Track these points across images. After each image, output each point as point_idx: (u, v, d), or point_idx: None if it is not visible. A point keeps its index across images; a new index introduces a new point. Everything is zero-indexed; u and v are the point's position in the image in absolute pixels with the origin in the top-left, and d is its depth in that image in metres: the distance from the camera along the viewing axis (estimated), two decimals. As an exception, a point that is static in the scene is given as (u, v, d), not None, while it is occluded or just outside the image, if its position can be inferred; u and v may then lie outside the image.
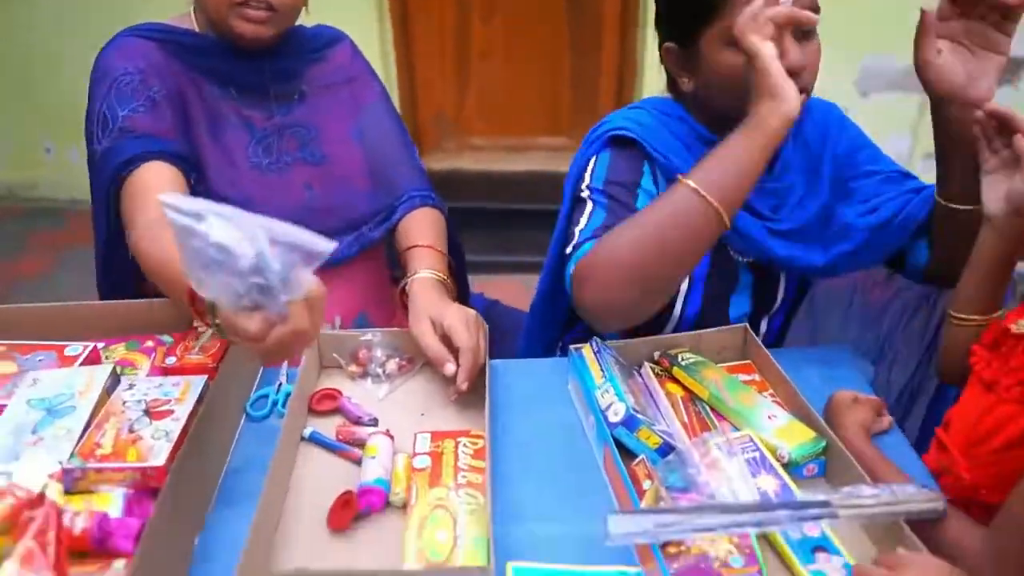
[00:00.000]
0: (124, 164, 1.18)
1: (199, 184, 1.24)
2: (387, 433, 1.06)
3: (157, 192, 1.17)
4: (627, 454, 1.02)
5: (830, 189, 1.24)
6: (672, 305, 1.24)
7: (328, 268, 1.33)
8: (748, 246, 1.21)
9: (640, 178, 1.19)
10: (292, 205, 1.31)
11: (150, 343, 1.21)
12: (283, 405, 1.17)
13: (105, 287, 1.36)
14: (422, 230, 1.34)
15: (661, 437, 1.02)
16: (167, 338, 1.22)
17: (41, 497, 0.75)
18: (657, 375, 1.15)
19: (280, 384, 1.21)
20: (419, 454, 1.02)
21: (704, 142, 1.17)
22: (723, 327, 1.21)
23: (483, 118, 3.59)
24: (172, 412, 0.99)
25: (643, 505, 0.93)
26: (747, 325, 1.21)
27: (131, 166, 1.18)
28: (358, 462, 1.05)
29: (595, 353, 1.13)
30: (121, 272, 1.30)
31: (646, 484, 0.97)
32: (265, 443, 1.11)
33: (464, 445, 1.03)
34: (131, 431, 0.95)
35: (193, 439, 0.95)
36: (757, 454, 1.00)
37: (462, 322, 1.10)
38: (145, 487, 0.91)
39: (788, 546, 0.90)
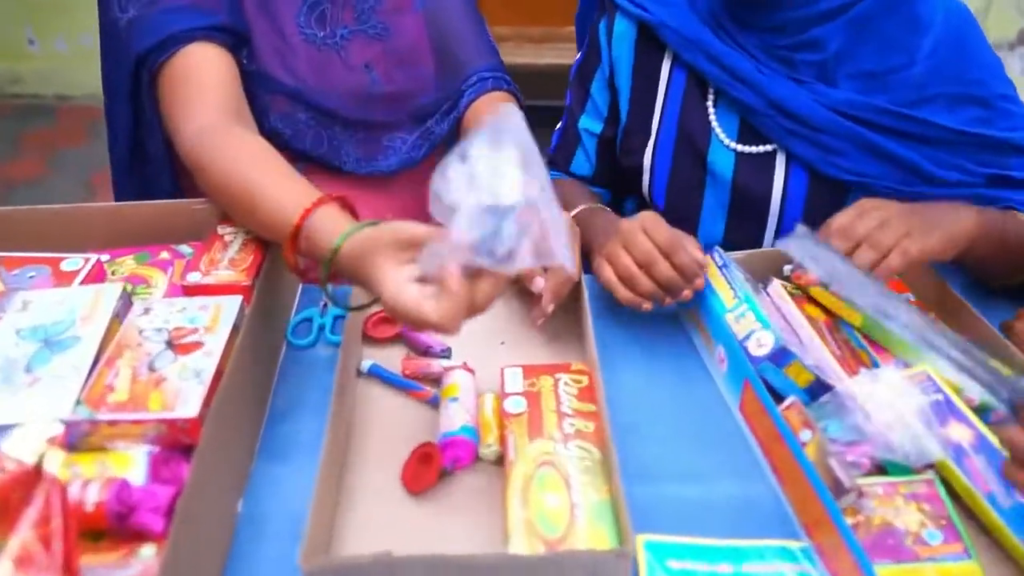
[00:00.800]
0: (161, 44, 0.93)
1: (249, 63, 1.00)
2: (466, 367, 0.86)
3: (208, 83, 0.93)
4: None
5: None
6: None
7: (391, 174, 1.10)
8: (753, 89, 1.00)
9: (596, 68, 1.13)
10: (352, 90, 1.06)
11: (165, 254, 0.99)
12: (332, 331, 0.97)
13: (127, 191, 1.12)
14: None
15: (813, 373, 0.82)
16: (186, 248, 1.00)
17: (38, 471, 0.55)
18: (791, 293, 0.94)
19: (325, 305, 0.99)
20: (511, 395, 0.81)
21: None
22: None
23: (506, 5, 3.29)
24: (202, 345, 0.78)
25: (810, 457, 0.73)
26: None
27: (171, 48, 0.93)
28: (431, 403, 0.85)
29: (720, 267, 0.91)
30: (151, 173, 1.07)
31: (804, 435, 0.76)
32: (312, 379, 0.91)
33: (565, 383, 0.83)
34: (152, 370, 0.75)
35: (232, 380, 0.75)
36: (940, 396, 0.79)
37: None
38: (175, 444, 0.71)
39: (1000, 516, 0.71)
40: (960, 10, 1.02)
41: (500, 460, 0.78)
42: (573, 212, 1.08)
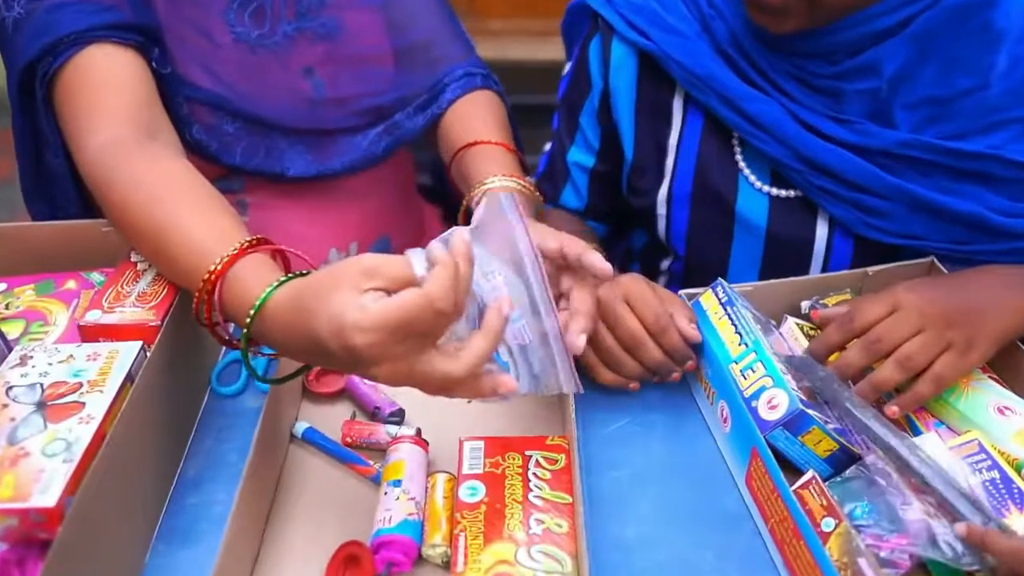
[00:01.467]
0: (52, 48, 0.78)
1: (161, 67, 0.83)
2: (418, 439, 0.70)
3: (112, 91, 0.76)
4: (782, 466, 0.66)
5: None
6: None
7: (341, 175, 0.91)
8: (779, 141, 0.83)
9: (585, 96, 0.97)
10: (292, 97, 0.91)
11: (72, 284, 0.84)
12: (264, 374, 0.82)
13: (38, 213, 0.95)
14: (486, 121, 0.93)
15: (836, 441, 0.67)
16: (97, 276, 0.85)
17: None
18: (808, 335, 0.79)
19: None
20: (468, 477, 0.66)
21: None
22: (903, 262, 0.83)
23: (504, -3, 3.14)
24: (81, 406, 0.63)
25: (832, 560, 0.58)
26: (934, 259, 0.83)
27: (65, 51, 0.78)
28: (374, 481, 0.70)
29: (723, 304, 0.76)
30: (59, 194, 0.90)
31: (826, 523, 0.61)
32: (235, 436, 0.77)
33: (537, 464, 0.67)
34: (12, 442, 0.60)
35: (117, 450, 0.60)
36: (996, 473, 0.64)
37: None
38: (32, 541, 0.56)
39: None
40: None
41: (448, 563, 0.63)
42: None
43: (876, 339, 0.70)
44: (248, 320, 0.60)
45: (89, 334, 0.74)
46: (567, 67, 1.04)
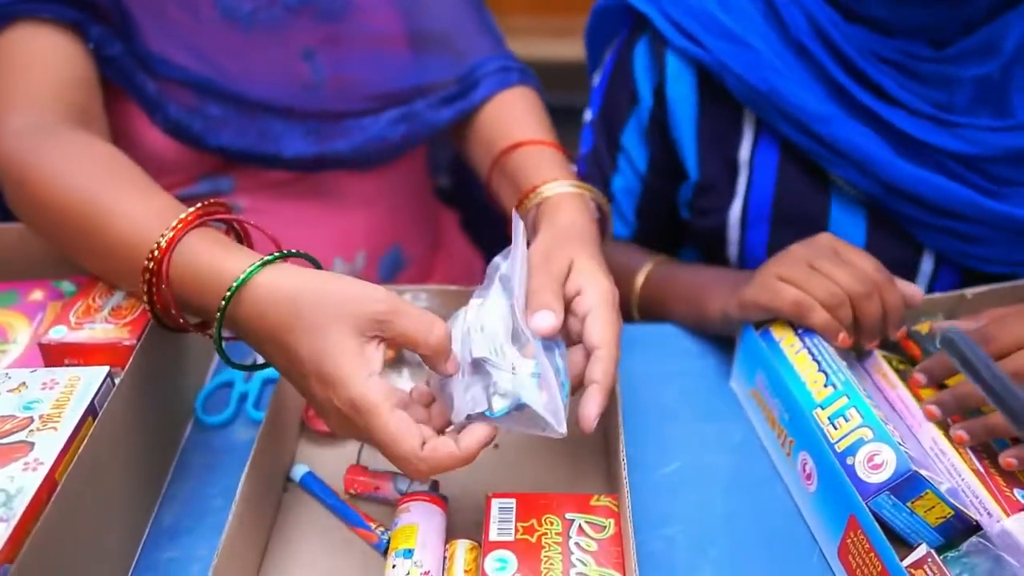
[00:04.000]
0: None
1: (106, 47, 0.72)
2: (435, 495, 0.58)
3: (36, 73, 0.68)
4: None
5: None
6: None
7: (348, 160, 0.82)
8: (859, 167, 0.72)
9: (628, 112, 0.85)
10: (285, 82, 0.79)
11: (38, 294, 0.73)
12: (257, 404, 0.70)
13: None
14: (531, 120, 0.80)
15: (951, 506, 0.54)
16: (67, 286, 0.74)
17: None
18: (897, 369, 0.66)
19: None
20: (496, 546, 0.54)
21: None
22: (1009, 283, 0.71)
23: (525, -7, 3.03)
24: (28, 448, 0.52)
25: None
26: (1042, 279, 0.71)
27: None
28: (378, 548, 0.58)
29: (800, 335, 0.64)
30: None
31: (946, 614, 0.49)
32: (220, 475, 0.66)
33: (580, 530, 0.55)
34: (-60, 494, 0.48)
35: (68, 503, 0.49)
36: None
37: (608, 302, 0.58)
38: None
39: None
40: None
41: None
42: (645, 269, 0.83)
43: (1017, 370, 0.56)
44: (229, 292, 0.52)
45: (52, 355, 0.62)
46: (598, 78, 0.91)
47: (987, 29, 0.67)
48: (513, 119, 0.80)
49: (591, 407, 0.53)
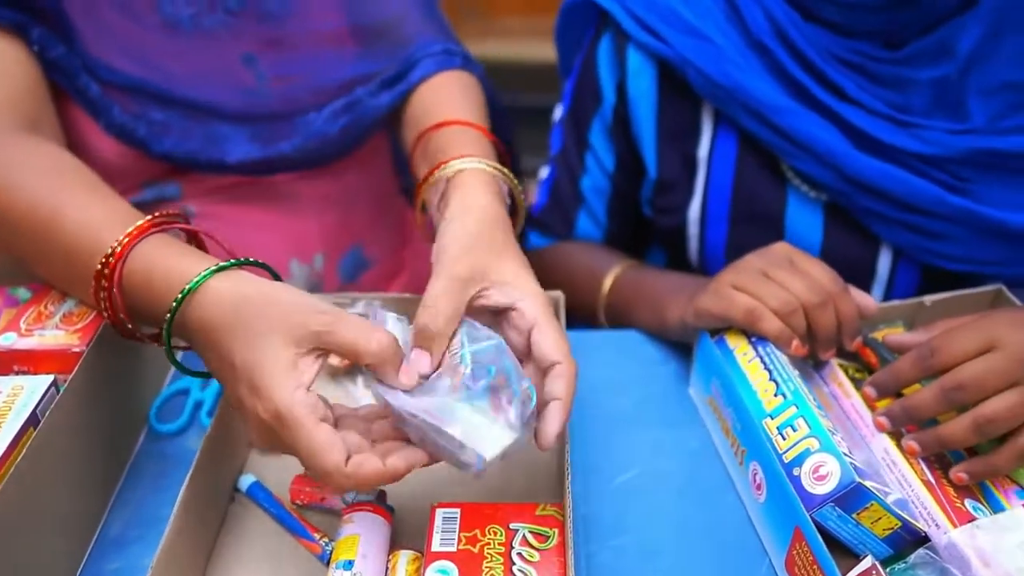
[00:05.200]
0: None
1: (49, 49, 0.70)
2: (380, 506, 0.58)
3: None
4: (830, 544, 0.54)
5: None
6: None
7: (293, 161, 0.80)
8: (820, 159, 0.72)
9: (594, 110, 0.85)
10: (228, 89, 0.78)
11: (-7, 299, 0.72)
12: (211, 412, 0.70)
13: None
14: (462, 102, 0.77)
15: (898, 517, 0.54)
16: (23, 292, 0.72)
17: None
18: (853, 378, 0.66)
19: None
20: (438, 556, 0.53)
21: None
22: (967, 290, 0.70)
23: (517, -6, 3.03)
24: (-36, 459, 0.51)
25: None
26: (1003, 286, 0.70)
27: None
28: (322, 560, 0.58)
29: (753, 343, 0.64)
30: None
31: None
32: (171, 485, 0.64)
33: (524, 541, 0.54)
34: None
35: (6, 515, 0.48)
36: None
37: (550, 311, 0.56)
38: None
39: None
40: None
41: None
42: (613, 273, 0.82)
43: (957, 386, 0.55)
44: (180, 295, 0.52)
45: (1, 362, 0.62)
46: (568, 81, 0.91)
47: (941, 31, 0.67)
48: (445, 100, 0.77)
49: (553, 425, 0.52)
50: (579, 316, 0.88)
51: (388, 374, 0.52)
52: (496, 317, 0.57)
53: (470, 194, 0.61)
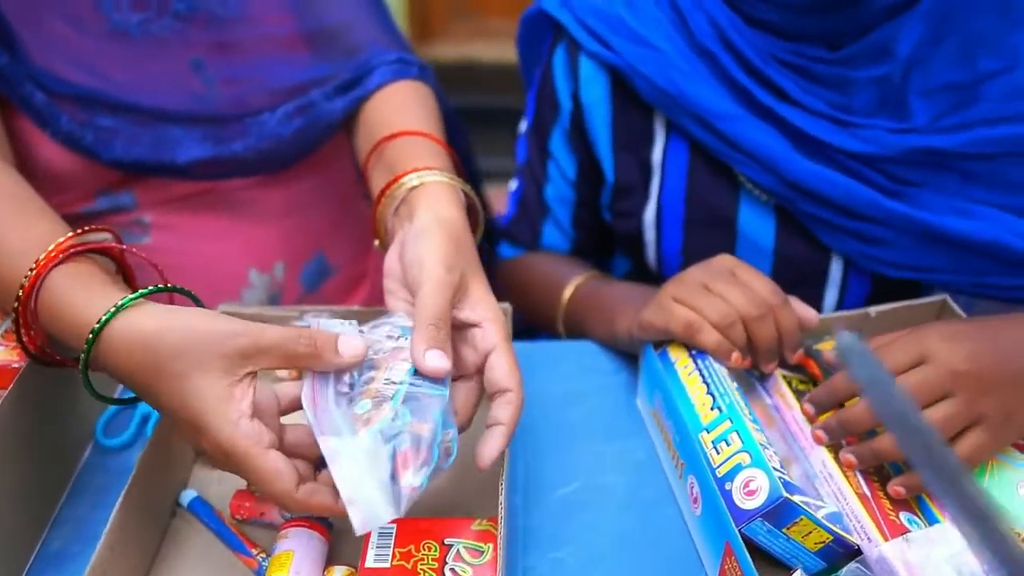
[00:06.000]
0: None
1: (8, 58, 0.70)
2: (315, 522, 0.57)
3: None
4: (759, 557, 0.54)
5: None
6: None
7: (245, 161, 0.79)
8: (763, 165, 0.72)
9: (553, 120, 0.87)
10: (178, 92, 0.78)
11: (-62, 315, 0.72)
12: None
13: None
14: (417, 111, 0.76)
15: (829, 532, 0.54)
16: (-31, 307, 0.73)
17: None
18: (796, 390, 0.66)
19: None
20: (372, 573, 0.53)
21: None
22: (911, 301, 0.71)
23: (503, -4, 3.03)
24: None
25: None
26: (948, 297, 0.71)
27: None
28: (259, 574, 0.58)
29: (693, 356, 0.64)
30: None
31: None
32: (113, 499, 0.64)
33: (458, 557, 0.54)
34: None
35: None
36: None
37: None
38: None
39: None
40: None
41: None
42: (573, 283, 0.83)
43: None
44: (88, 340, 0.51)
45: (-59, 378, 0.62)
46: (529, 92, 0.91)
47: (880, 32, 0.68)
48: (399, 109, 0.77)
49: (492, 448, 0.53)
50: (542, 328, 0.89)
51: (326, 355, 0.52)
52: (454, 331, 0.57)
53: (439, 206, 0.61)
